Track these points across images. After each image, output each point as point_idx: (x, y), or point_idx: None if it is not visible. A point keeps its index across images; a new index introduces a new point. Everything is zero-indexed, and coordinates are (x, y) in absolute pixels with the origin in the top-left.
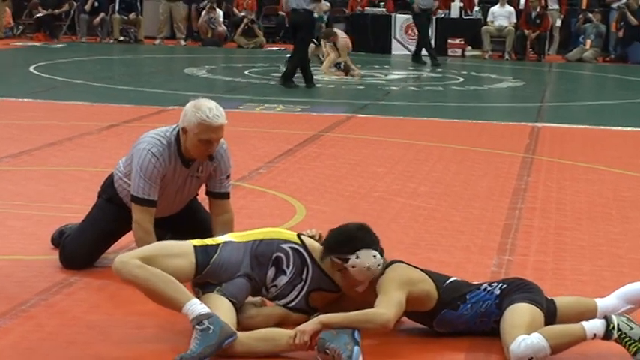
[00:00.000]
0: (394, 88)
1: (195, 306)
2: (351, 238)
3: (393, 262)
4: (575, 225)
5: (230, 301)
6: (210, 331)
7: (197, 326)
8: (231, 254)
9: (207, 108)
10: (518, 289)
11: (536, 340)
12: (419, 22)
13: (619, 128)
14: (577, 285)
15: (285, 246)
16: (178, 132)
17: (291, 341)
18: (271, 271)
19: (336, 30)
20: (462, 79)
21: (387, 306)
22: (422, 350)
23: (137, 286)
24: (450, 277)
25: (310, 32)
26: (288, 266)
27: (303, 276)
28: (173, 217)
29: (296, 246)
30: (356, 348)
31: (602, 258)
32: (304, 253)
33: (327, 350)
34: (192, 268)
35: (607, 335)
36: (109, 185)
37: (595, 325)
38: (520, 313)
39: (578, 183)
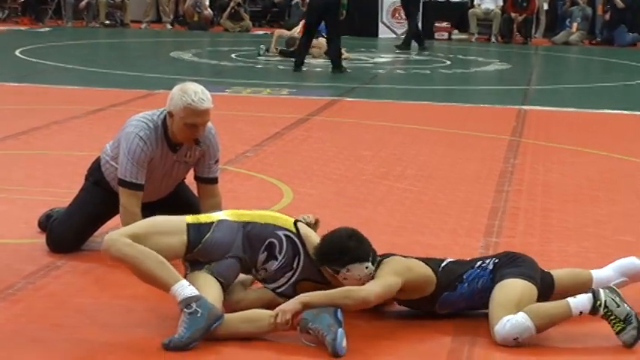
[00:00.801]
0: (381, 71)
1: (183, 288)
2: (342, 252)
3: (386, 255)
4: (562, 207)
5: (218, 281)
6: (199, 315)
7: (185, 309)
8: (224, 234)
9: (194, 92)
10: (509, 264)
11: (521, 320)
12: (407, 6)
13: (605, 111)
14: (563, 266)
15: (280, 233)
16: (165, 116)
17: (272, 321)
18: (263, 256)
19: (292, 34)
20: (448, 62)
21: (370, 285)
22: (409, 334)
23: (125, 264)
24: (443, 260)
25: (338, 17)
26: (280, 253)
27: (294, 265)
28: (160, 200)
29: (290, 234)
30: (339, 330)
31: (588, 239)
32: (298, 242)
33: (310, 330)
34: (184, 246)
35: (593, 311)
36: (95, 169)
37: (582, 302)
38: (508, 290)
39: (564, 165)
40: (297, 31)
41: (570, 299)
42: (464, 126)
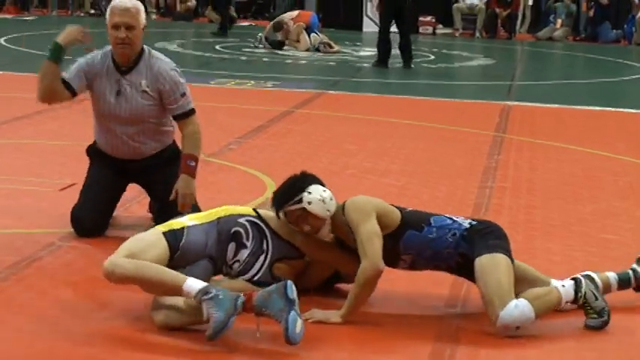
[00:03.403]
0: (365, 65)
1: (194, 282)
2: (294, 182)
3: (345, 201)
4: (546, 204)
5: None
6: (220, 296)
7: (205, 297)
8: (197, 237)
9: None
10: (491, 233)
11: (527, 311)
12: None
13: (589, 107)
14: (547, 264)
15: (242, 220)
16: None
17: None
18: (231, 246)
19: (284, 19)
20: (432, 57)
21: (366, 256)
22: (389, 338)
23: (132, 280)
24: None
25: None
26: (248, 239)
27: (264, 247)
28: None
29: (252, 218)
30: (291, 315)
31: (572, 237)
32: (261, 224)
33: (264, 316)
34: (167, 254)
35: (575, 301)
36: (93, 143)
37: (568, 292)
38: (502, 270)
39: (548, 162)
40: (291, 16)
41: (559, 287)
42: (448, 121)
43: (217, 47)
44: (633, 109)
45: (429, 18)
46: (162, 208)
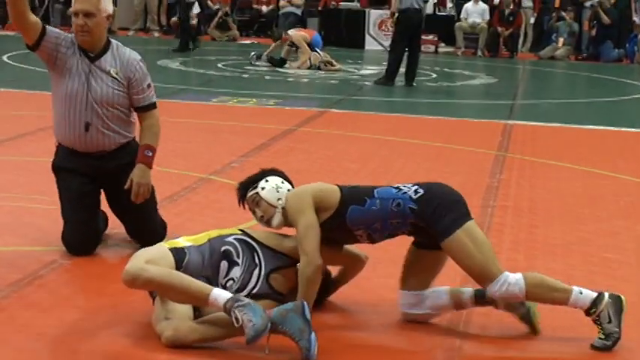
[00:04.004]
0: (367, 83)
1: (221, 292)
2: (258, 172)
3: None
4: (547, 223)
5: None
6: (252, 304)
7: (237, 304)
8: (196, 257)
9: None
10: (442, 207)
11: (516, 289)
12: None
13: (591, 127)
14: None
15: (230, 239)
16: None
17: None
18: (223, 265)
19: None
20: (434, 76)
21: (303, 252)
22: (390, 356)
23: (157, 285)
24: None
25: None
26: (238, 256)
27: (256, 260)
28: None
29: (239, 236)
30: (312, 336)
31: (573, 257)
32: (248, 239)
33: (280, 333)
34: (174, 269)
35: (588, 313)
36: (55, 154)
37: (582, 301)
38: (471, 248)
39: (550, 181)
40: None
41: (575, 291)
42: (450, 140)
43: (219, 65)
44: (635, 129)
45: (431, 36)
46: (137, 229)
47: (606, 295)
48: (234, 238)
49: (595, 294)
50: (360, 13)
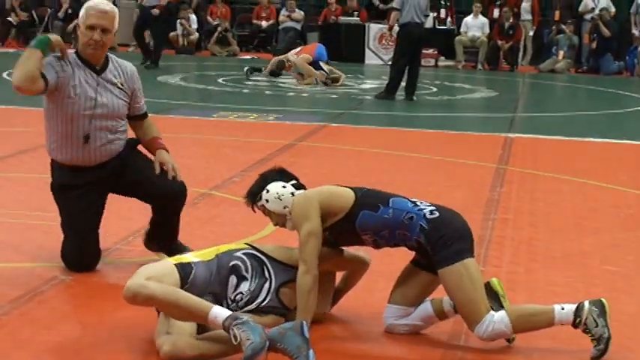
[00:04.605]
0: (368, 97)
1: (221, 309)
2: (259, 179)
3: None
4: (548, 236)
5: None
6: (251, 323)
7: (236, 322)
8: (203, 273)
9: (98, 1)
10: (451, 236)
11: (502, 327)
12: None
13: (591, 139)
14: (549, 296)
15: (239, 254)
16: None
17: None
18: (232, 280)
19: (289, 56)
20: (435, 89)
21: (301, 260)
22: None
23: (157, 302)
24: (365, 187)
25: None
26: (247, 271)
27: (266, 274)
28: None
29: (248, 251)
30: (310, 353)
31: (574, 269)
32: (257, 253)
33: (279, 351)
34: (179, 286)
35: (574, 326)
36: (51, 174)
37: (566, 316)
38: (468, 283)
39: (550, 194)
40: (294, 52)
41: (556, 309)
42: (450, 153)
43: (219, 80)
44: (636, 141)
45: (431, 50)
46: (160, 215)
47: (586, 302)
48: (243, 253)
49: (575, 305)
50: (359, 27)
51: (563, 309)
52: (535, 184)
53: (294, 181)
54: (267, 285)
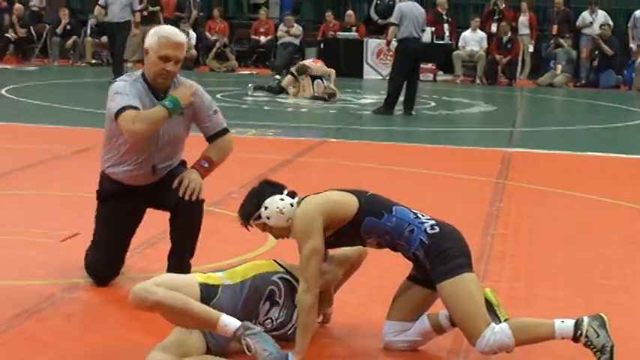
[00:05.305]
0: (366, 112)
1: (231, 319)
2: (251, 197)
3: (305, 197)
4: (547, 251)
5: (206, 339)
6: (263, 333)
7: (248, 332)
8: (228, 300)
9: (169, 28)
10: (449, 252)
11: (505, 339)
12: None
13: (590, 153)
14: (549, 311)
15: (275, 277)
16: (143, 72)
17: None
18: (265, 306)
19: (305, 62)
20: (433, 104)
21: (303, 279)
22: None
23: (164, 307)
24: (368, 191)
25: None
26: (280, 297)
27: (296, 301)
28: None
29: (281, 274)
30: None
31: (574, 284)
32: (290, 279)
33: None
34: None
35: (575, 340)
36: (100, 184)
37: (567, 329)
38: (467, 296)
39: (549, 208)
40: (310, 61)
41: (557, 323)
42: (449, 168)
43: (218, 96)
44: (635, 155)
45: (429, 65)
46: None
47: (585, 317)
48: (279, 277)
49: (574, 320)
50: (358, 42)
51: (563, 322)
52: (534, 198)
53: (286, 190)
54: (296, 313)
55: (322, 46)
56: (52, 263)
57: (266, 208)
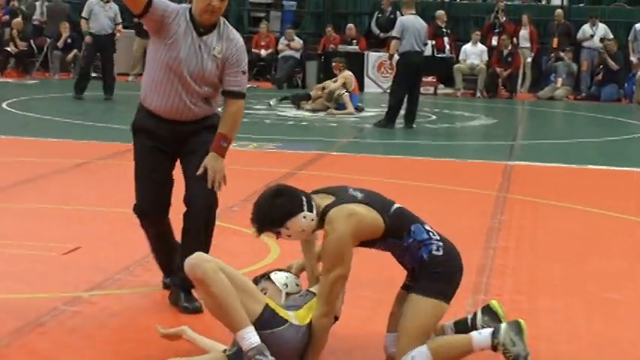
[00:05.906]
0: (367, 125)
1: (254, 334)
2: (272, 212)
3: (327, 209)
4: (549, 264)
5: None
6: None
7: (260, 356)
8: (293, 339)
9: None
10: (442, 274)
11: (425, 357)
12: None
13: (591, 166)
14: (551, 324)
15: None
16: (190, 8)
17: None
18: None
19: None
20: (434, 117)
21: (324, 302)
22: None
23: (205, 288)
24: (392, 204)
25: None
26: None
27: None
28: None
29: None
30: None
31: (575, 297)
32: None
33: None
34: (254, 318)
35: (493, 349)
36: (136, 113)
37: (484, 340)
38: (420, 317)
39: (551, 221)
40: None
41: (474, 335)
42: (450, 181)
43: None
44: (636, 168)
45: (430, 78)
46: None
47: (503, 324)
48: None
49: (491, 329)
50: (359, 55)
51: (480, 334)
52: (536, 211)
53: (305, 205)
54: None
55: (322, 59)
56: (54, 276)
57: (287, 227)
